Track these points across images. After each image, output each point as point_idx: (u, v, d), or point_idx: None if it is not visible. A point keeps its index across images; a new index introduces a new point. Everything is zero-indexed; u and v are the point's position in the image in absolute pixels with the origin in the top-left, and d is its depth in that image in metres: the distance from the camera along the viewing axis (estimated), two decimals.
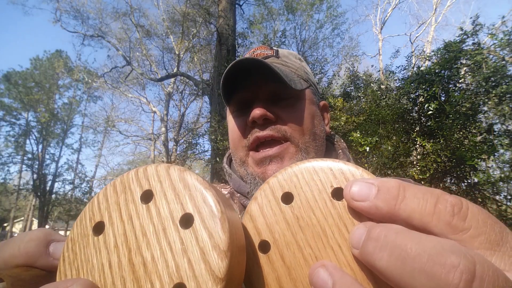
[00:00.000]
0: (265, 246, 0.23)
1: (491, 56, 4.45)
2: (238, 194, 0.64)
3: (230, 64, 0.57)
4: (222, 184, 0.76)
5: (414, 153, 4.65)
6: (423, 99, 4.63)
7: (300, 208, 0.23)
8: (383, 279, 0.17)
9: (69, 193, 17.51)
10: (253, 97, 0.60)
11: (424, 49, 12.07)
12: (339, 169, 0.22)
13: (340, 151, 0.67)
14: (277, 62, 0.63)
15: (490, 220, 0.17)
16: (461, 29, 4.59)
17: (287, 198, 0.23)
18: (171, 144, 16.23)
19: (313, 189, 0.23)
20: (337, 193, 0.22)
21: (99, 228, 0.23)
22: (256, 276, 0.22)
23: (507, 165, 4.09)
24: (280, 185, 0.24)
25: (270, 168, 0.56)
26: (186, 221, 0.20)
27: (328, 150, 0.68)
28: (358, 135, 4.42)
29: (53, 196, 16.56)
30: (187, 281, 0.19)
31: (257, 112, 0.56)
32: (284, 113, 0.59)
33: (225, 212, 0.20)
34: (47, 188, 15.91)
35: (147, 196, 0.22)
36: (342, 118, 4.78)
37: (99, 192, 0.24)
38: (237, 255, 0.20)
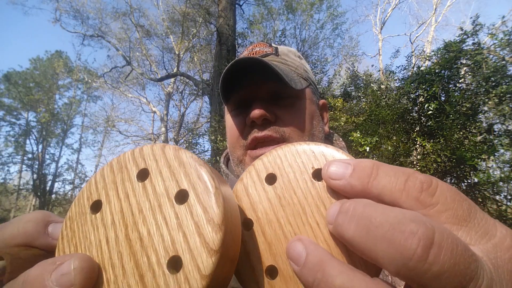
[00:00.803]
0: (248, 224, 0.24)
1: (491, 56, 4.45)
2: None
3: (230, 64, 0.56)
4: None
5: (414, 153, 4.65)
6: (423, 99, 4.63)
7: (282, 188, 0.24)
8: (352, 250, 0.18)
9: (69, 193, 17.50)
10: (252, 96, 0.59)
11: (424, 49, 12.06)
12: (320, 152, 0.24)
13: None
14: (276, 61, 0.62)
15: (458, 197, 0.18)
16: (461, 29, 4.58)
17: (271, 179, 0.25)
18: (171, 144, 16.17)
19: (295, 170, 0.24)
20: (318, 174, 0.23)
21: (96, 207, 0.23)
22: (240, 251, 0.23)
23: (507, 165, 4.09)
24: (265, 167, 0.25)
25: None
26: (182, 197, 0.21)
27: None
28: (358, 135, 4.42)
29: (53, 196, 16.55)
30: (183, 254, 0.19)
31: (256, 112, 0.55)
32: (283, 113, 0.58)
33: (219, 188, 0.21)
34: (47, 188, 15.90)
35: (143, 175, 0.23)
36: (342, 118, 4.77)
37: (97, 172, 0.24)
38: (232, 229, 0.20)
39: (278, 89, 0.59)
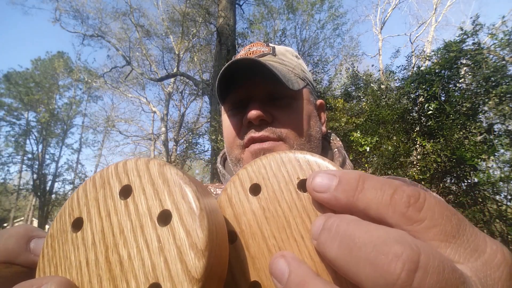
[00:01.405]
0: (232, 236, 0.23)
1: (491, 56, 4.45)
2: None
3: (227, 64, 0.56)
4: (217, 184, 0.76)
5: (414, 153, 4.65)
6: (423, 99, 4.63)
7: (267, 200, 0.23)
8: (335, 270, 0.17)
9: (69, 193, 17.50)
10: (249, 96, 0.59)
11: (424, 49, 12.06)
12: (305, 161, 0.22)
13: (336, 149, 0.67)
14: (273, 60, 0.62)
15: (447, 212, 0.17)
16: (461, 29, 4.58)
17: (255, 189, 0.24)
18: (171, 144, 16.22)
19: (280, 181, 0.23)
20: (303, 185, 0.22)
21: (77, 224, 0.22)
22: None
23: (507, 165, 4.09)
24: (249, 177, 0.24)
25: None
26: (165, 218, 0.20)
27: (323, 149, 0.67)
28: (359, 135, 4.42)
29: (53, 196, 16.55)
30: (163, 281, 0.18)
31: (253, 112, 0.55)
32: (280, 113, 0.58)
33: (204, 209, 0.19)
34: (47, 188, 15.90)
35: (126, 192, 0.22)
36: (343, 119, 4.77)
37: (79, 186, 0.23)
38: (218, 253, 0.19)
39: (275, 89, 0.58)
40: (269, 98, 0.59)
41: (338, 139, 0.70)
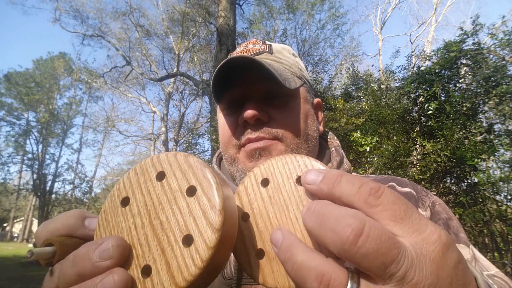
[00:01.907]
0: (246, 217, 0.31)
1: (491, 56, 4.44)
2: None
3: (222, 62, 0.55)
4: None
5: (414, 153, 4.64)
6: (423, 99, 4.62)
7: (273, 190, 0.31)
8: (311, 237, 0.26)
9: (69, 193, 17.49)
10: (245, 95, 0.58)
11: (424, 49, 12.06)
12: (303, 162, 0.31)
13: (333, 149, 0.66)
14: (270, 59, 0.61)
15: (398, 201, 0.23)
16: (461, 29, 4.58)
17: (265, 182, 0.32)
18: (171, 144, 16.22)
19: (283, 177, 0.31)
20: (300, 180, 0.30)
21: (125, 202, 0.29)
22: (238, 237, 0.30)
23: (507, 165, 4.08)
24: (261, 173, 0.32)
25: (259, 162, 0.55)
26: (191, 191, 0.27)
27: (321, 148, 0.67)
28: (359, 135, 4.42)
29: (53, 196, 16.54)
30: (193, 233, 0.25)
31: (249, 112, 0.54)
32: (277, 113, 0.58)
33: (220, 184, 0.27)
34: (47, 188, 15.88)
35: (160, 176, 0.29)
36: (343, 119, 4.77)
37: (124, 175, 0.31)
38: (230, 216, 0.27)
39: (272, 88, 0.58)
40: (265, 97, 0.58)
41: (335, 138, 0.70)
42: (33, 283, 8.69)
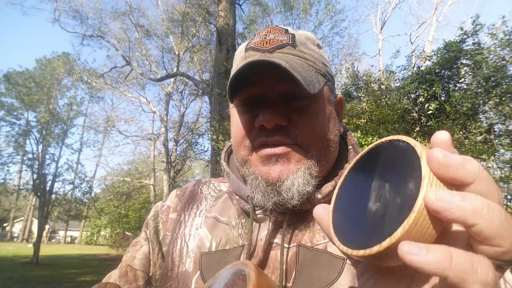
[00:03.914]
0: None
1: (491, 56, 4.44)
2: (237, 197, 0.59)
3: (241, 66, 0.50)
4: (221, 178, 0.73)
5: None
6: (423, 99, 4.63)
7: None
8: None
9: (69, 193, 17.49)
10: (263, 94, 0.54)
11: (424, 49, 12.05)
12: None
13: (351, 147, 0.63)
14: (294, 54, 0.55)
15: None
16: (462, 29, 4.58)
17: None
18: (171, 144, 16.22)
19: None
20: None
21: None
22: None
23: (507, 165, 4.08)
24: None
25: (275, 168, 0.51)
26: None
27: (340, 148, 0.63)
28: (359, 135, 4.42)
29: (53, 196, 16.50)
30: None
31: (268, 117, 0.50)
32: (297, 116, 0.53)
33: None
34: (47, 188, 15.86)
35: None
36: (343, 120, 4.78)
37: None
38: None
39: (292, 89, 0.53)
40: (285, 98, 0.53)
41: (352, 134, 0.66)
42: (33, 283, 8.70)
